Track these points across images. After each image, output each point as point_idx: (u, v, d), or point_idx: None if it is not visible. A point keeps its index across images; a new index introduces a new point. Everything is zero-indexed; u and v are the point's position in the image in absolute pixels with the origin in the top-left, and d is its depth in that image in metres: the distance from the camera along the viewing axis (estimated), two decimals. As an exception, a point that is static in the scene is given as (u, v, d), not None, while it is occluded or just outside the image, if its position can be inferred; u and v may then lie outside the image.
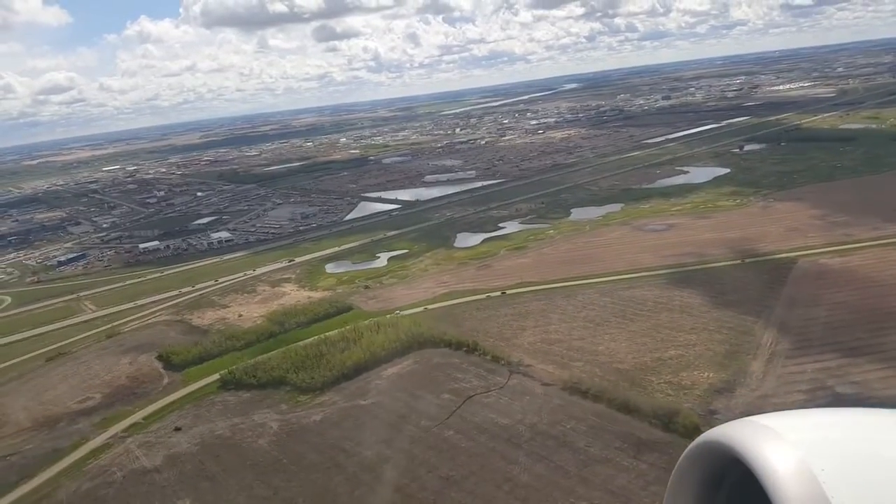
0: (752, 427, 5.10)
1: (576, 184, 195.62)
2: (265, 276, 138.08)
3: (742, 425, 5.19)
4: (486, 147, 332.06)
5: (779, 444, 4.76)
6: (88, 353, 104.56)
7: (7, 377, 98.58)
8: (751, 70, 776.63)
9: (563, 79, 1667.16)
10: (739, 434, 5.04)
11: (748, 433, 5.00)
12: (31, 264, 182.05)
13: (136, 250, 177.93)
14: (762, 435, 4.93)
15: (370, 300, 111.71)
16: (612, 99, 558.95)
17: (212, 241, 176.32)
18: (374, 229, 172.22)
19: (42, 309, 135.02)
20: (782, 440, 4.81)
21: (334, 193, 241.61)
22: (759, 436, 4.92)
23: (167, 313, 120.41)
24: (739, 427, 5.16)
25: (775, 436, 4.88)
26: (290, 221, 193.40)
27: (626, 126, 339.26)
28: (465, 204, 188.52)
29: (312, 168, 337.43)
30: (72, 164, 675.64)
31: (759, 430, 5.01)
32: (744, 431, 5.05)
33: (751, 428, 5.08)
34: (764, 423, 5.12)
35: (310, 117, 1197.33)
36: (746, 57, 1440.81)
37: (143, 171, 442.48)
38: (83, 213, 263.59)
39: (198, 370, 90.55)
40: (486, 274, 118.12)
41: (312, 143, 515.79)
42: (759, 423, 5.15)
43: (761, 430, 5.01)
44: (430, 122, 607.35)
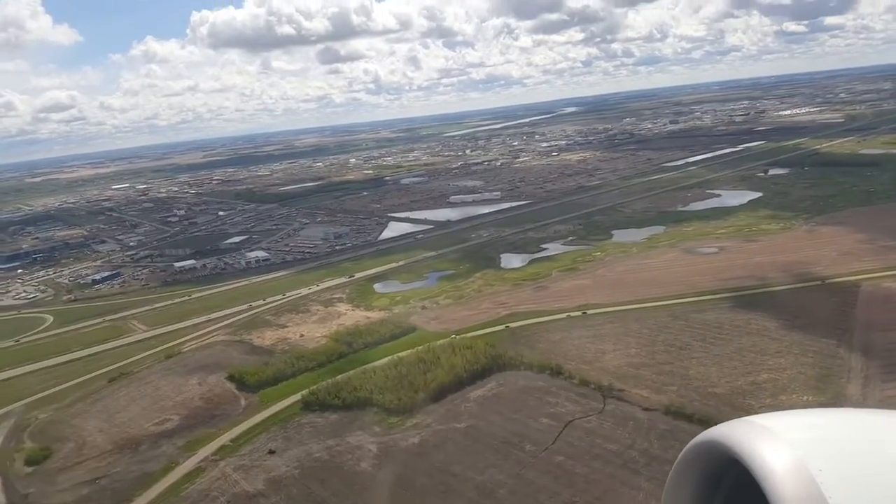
0: (749, 427, 5.11)
1: (607, 206, 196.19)
2: (314, 295, 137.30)
3: (740, 425, 5.21)
4: (502, 168, 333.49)
5: (776, 444, 4.77)
6: (151, 373, 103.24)
7: (71, 398, 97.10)
8: (751, 95, 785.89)
9: (561, 102, 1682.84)
10: (737, 434, 5.05)
11: (746, 433, 5.02)
12: (63, 282, 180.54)
13: (171, 269, 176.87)
14: (760, 435, 4.95)
15: (431, 321, 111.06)
16: (618, 123, 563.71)
17: (249, 261, 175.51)
18: (411, 249, 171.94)
19: (89, 328, 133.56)
20: (780, 440, 4.82)
21: (360, 213, 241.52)
22: (757, 435, 4.94)
23: (223, 333, 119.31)
24: (737, 427, 5.18)
25: (773, 435, 4.89)
26: (324, 241, 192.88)
27: (641, 149, 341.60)
28: (499, 225, 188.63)
29: (329, 188, 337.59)
30: (76, 181, 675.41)
31: (756, 430, 5.03)
32: (741, 431, 5.07)
33: (748, 428, 5.10)
34: (761, 423, 5.14)
35: (311, 138, 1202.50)
36: (742, 82, 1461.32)
37: (155, 189, 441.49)
38: (105, 232, 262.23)
39: (274, 391, 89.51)
40: (545, 295, 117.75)
41: (322, 164, 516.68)
42: (757, 422, 5.17)
43: (759, 429, 5.03)
44: (437, 144, 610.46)
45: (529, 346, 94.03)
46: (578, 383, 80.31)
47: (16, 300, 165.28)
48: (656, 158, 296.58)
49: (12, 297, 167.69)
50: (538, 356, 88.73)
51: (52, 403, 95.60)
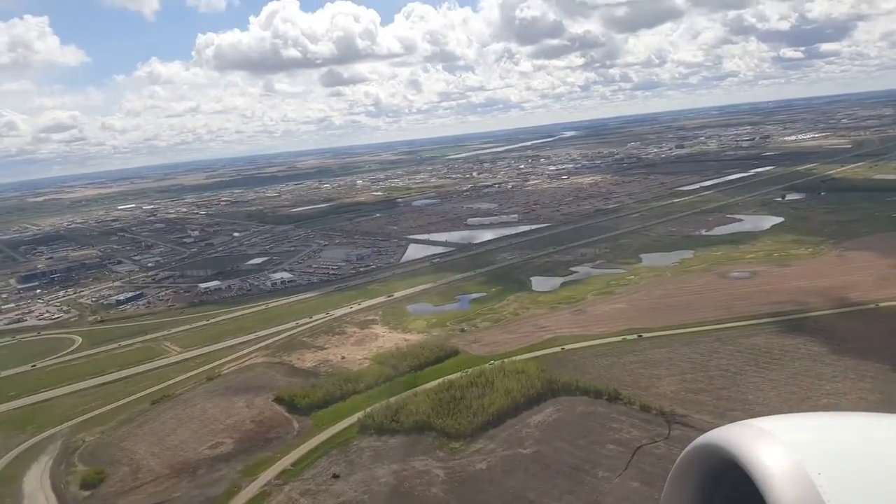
0: (748, 430, 5.12)
1: (629, 230, 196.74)
2: (348, 317, 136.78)
3: (739, 428, 5.21)
4: (514, 191, 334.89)
5: (775, 448, 4.78)
6: (194, 395, 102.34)
7: (117, 420, 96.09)
8: (751, 120, 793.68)
9: (560, 126, 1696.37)
10: (736, 437, 5.06)
11: (745, 436, 5.03)
12: (86, 303, 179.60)
13: (196, 290, 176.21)
14: (759, 438, 4.95)
15: (472, 343, 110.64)
16: (623, 147, 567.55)
17: (274, 282, 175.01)
18: (437, 272, 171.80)
19: (121, 349, 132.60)
20: (779, 443, 4.83)
21: (378, 235, 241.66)
22: (756, 439, 4.94)
23: (262, 355, 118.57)
24: (736, 430, 5.18)
25: (772, 439, 4.90)
26: (347, 263, 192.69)
27: (652, 174, 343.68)
28: (522, 248, 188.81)
29: (341, 209, 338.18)
30: (79, 201, 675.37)
31: (755, 433, 5.03)
32: (741, 434, 5.07)
33: (747, 431, 5.11)
34: (761, 427, 5.14)
35: (312, 159, 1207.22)
36: (741, 107, 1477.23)
37: (163, 210, 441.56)
38: (120, 252, 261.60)
39: (326, 414, 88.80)
40: (584, 319, 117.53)
41: (330, 185, 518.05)
42: (756, 426, 5.18)
43: (758, 433, 5.03)
44: (442, 166, 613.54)
45: (580, 370, 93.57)
46: (639, 409, 79.83)
47: (40, 320, 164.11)
48: (669, 183, 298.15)
49: (36, 318, 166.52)
50: (591, 381, 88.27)
51: (97, 425, 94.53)
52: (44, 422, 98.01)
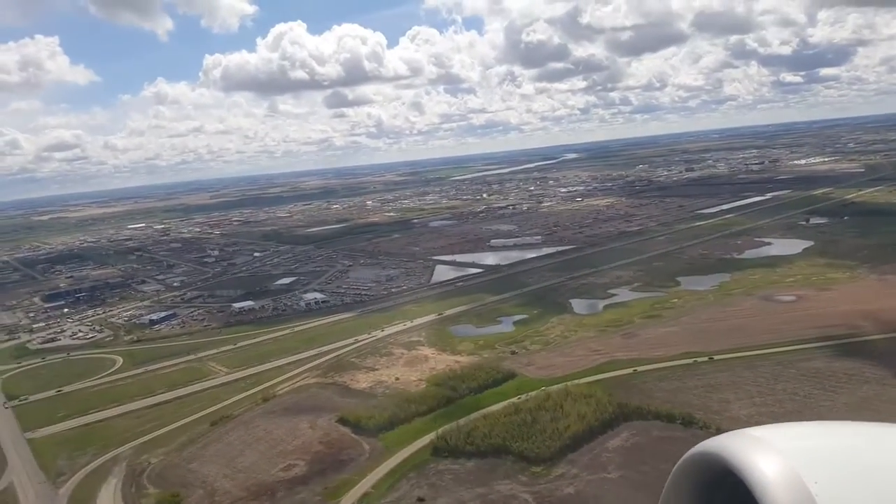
0: (745, 438, 5.14)
1: (659, 252, 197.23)
2: (390, 338, 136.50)
3: (735, 437, 5.23)
4: (530, 213, 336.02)
5: (772, 456, 4.81)
6: (253, 416, 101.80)
7: (176, 442, 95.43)
8: (755, 144, 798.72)
9: (560, 148, 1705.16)
10: (732, 445, 5.07)
11: (741, 444, 5.04)
12: (117, 322, 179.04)
13: (229, 310, 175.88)
14: (755, 446, 4.97)
15: (528, 366, 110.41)
16: (631, 169, 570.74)
17: (308, 302, 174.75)
18: (470, 293, 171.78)
19: (166, 369, 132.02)
20: (775, 452, 4.86)
21: (401, 256, 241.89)
22: (752, 447, 4.96)
23: (312, 375, 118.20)
24: (732, 438, 5.20)
25: (768, 447, 4.93)
26: (376, 283, 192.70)
27: (667, 196, 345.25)
28: (553, 270, 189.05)
29: (357, 230, 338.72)
30: (86, 220, 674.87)
31: (752, 442, 5.05)
32: (737, 443, 5.08)
33: (744, 439, 5.13)
34: (757, 435, 5.17)
35: (315, 180, 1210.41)
36: (741, 130, 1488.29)
37: (175, 229, 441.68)
38: (142, 272, 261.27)
39: (394, 436, 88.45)
40: (637, 343, 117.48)
41: (340, 206, 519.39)
42: (752, 434, 5.20)
43: (754, 441, 5.06)
44: (449, 187, 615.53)
45: (646, 395, 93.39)
46: (717, 433, 79.29)
47: (74, 340, 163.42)
48: (686, 206, 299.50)
49: (70, 337, 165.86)
50: (661, 405, 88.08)
51: (159, 447, 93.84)
52: (103, 443, 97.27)
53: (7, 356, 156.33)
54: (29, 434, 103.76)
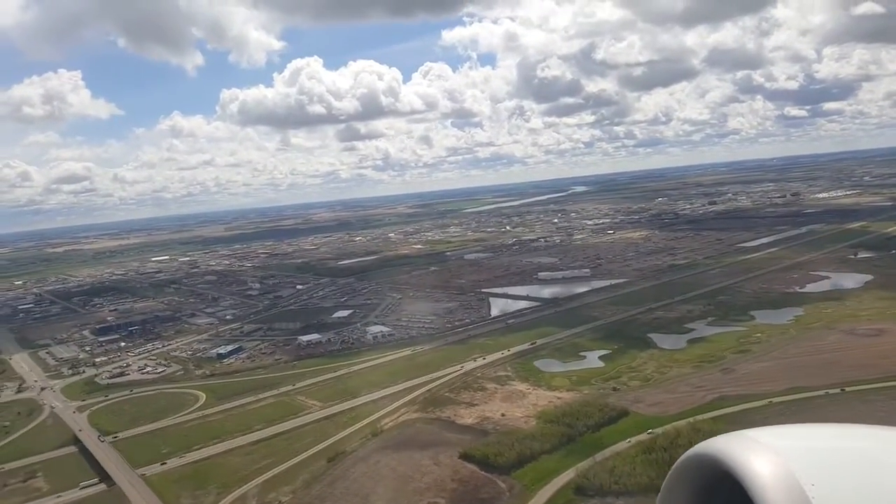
0: (742, 440, 5.16)
1: (719, 286, 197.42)
2: (477, 372, 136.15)
3: (732, 438, 5.24)
4: (565, 245, 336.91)
5: (769, 458, 4.83)
6: (368, 452, 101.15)
7: (299, 480, 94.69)
8: (768, 177, 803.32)
9: (566, 181, 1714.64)
10: (729, 447, 5.08)
11: (738, 446, 5.06)
12: (180, 356, 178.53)
13: (296, 343, 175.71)
14: (752, 448, 4.99)
15: (636, 403, 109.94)
16: (651, 202, 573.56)
17: (375, 335, 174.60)
18: (537, 327, 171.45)
19: (254, 405, 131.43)
20: (773, 453, 4.88)
21: (449, 289, 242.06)
22: (750, 449, 4.98)
23: (411, 410, 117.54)
24: (730, 440, 5.21)
25: (765, 449, 4.95)
26: (436, 317, 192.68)
27: (700, 229, 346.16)
28: (616, 303, 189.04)
29: (391, 262, 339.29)
30: (103, 252, 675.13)
31: (749, 444, 5.06)
32: (734, 444, 5.10)
33: (741, 441, 5.14)
34: (754, 437, 5.19)
35: (324, 212, 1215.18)
36: (746, 164, 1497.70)
37: (203, 262, 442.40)
38: (187, 304, 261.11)
39: (526, 473, 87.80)
40: (737, 378, 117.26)
41: (363, 238, 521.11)
42: (750, 436, 5.23)
43: (752, 443, 5.07)
44: (468, 220, 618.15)
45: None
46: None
47: (143, 375, 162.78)
48: (725, 239, 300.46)
49: (138, 372, 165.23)
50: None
51: (284, 485, 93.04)
52: (222, 481, 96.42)
53: (79, 391, 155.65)
54: (141, 471, 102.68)
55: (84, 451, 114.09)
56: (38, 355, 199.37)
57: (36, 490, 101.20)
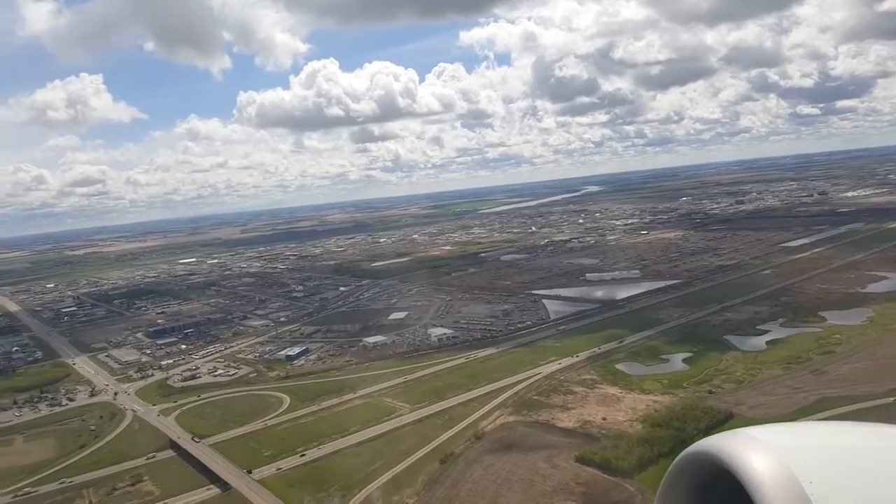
0: (740, 438, 5.19)
1: (778, 287, 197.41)
2: (559, 375, 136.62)
3: (731, 436, 5.29)
4: (601, 246, 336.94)
5: (767, 455, 4.86)
6: (476, 454, 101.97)
7: (418, 482, 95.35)
8: (785, 176, 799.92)
9: (574, 181, 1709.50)
10: (728, 445, 5.12)
11: (737, 444, 5.09)
12: (246, 358, 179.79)
13: (359, 344, 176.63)
14: (751, 446, 5.02)
15: (738, 406, 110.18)
16: (675, 202, 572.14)
17: (440, 337, 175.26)
18: (603, 329, 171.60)
19: (341, 407, 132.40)
20: (771, 451, 4.91)
21: (496, 290, 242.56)
22: (748, 447, 5.01)
23: (505, 413, 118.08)
24: (728, 438, 5.25)
25: (764, 447, 4.98)
26: (495, 319, 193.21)
27: (736, 229, 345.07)
28: (677, 305, 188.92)
29: (426, 264, 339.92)
30: (124, 255, 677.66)
31: (747, 441, 5.10)
32: (732, 442, 5.14)
33: (739, 439, 5.18)
34: (752, 434, 5.24)
35: (337, 213, 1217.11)
36: (758, 162, 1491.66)
37: (232, 264, 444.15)
38: (236, 307, 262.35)
39: (650, 476, 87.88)
40: (832, 380, 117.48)
41: (387, 240, 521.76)
42: (748, 434, 5.26)
43: (750, 441, 5.11)
44: (489, 221, 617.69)
45: None
46: None
47: (216, 377, 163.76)
48: (766, 239, 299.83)
49: (211, 375, 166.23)
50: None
51: (405, 487, 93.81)
52: (340, 483, 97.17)
53: (153, 394, 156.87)
54: (254, 474, 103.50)
55: (184, 454, 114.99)
56: (99, 358, 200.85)
57: (148, 494, 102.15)
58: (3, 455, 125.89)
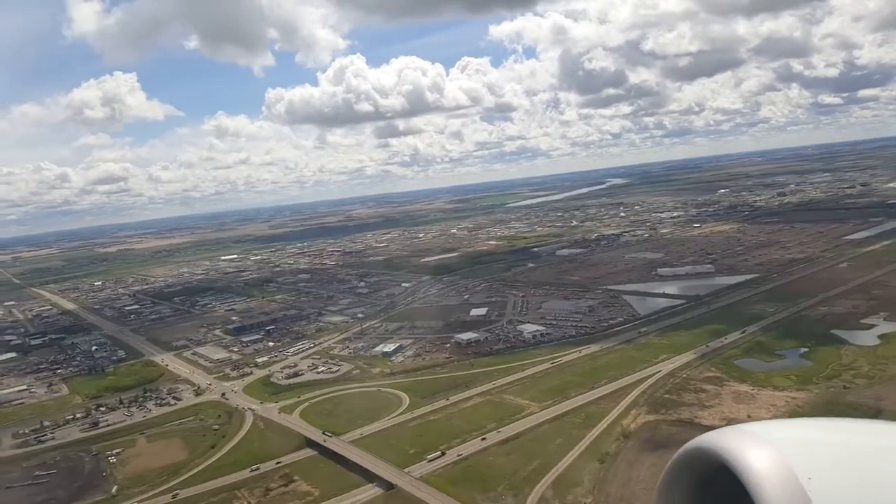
0: (739, 434, 5.15)
1: (864, 280, 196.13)
2: (681, 372, 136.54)
3: (729, 432, 5.24)
4: (655, 240, 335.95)
5: (766, 451, 4.82)
6: (634, 454, 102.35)
7: (586, 481, 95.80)
8: (814, 167, 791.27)
9: (595, 173, 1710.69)
10: (726, 441, 5.08)
11: (735, 440, 5.05)
12: (340, 354, 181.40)
13: (454, 341, 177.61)
14: (749, 442, 4.98)
15: (880, 401, 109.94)
16: (713, 194, 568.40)
17: (534, 333, 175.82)
18: (700, 325, 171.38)
19: (463, 404, 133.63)
20: (769, 447, 4.86)
21: (570, 286, 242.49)
22: (747, 442, 4.96)
23: (641, 412, 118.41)
24: (727, 434, 5.21)
25: (762, 443, 4.93)
26: (581, 315, 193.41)
27: (791, 222, 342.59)
28: (766, 300, 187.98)
29: (479, 259, 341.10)
30: (159, 252, 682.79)
31: (746, 437, 5.06)
32: (731, 438, 5.10)
33: (738, 435, 5.14)
34: (751, 430, 5.19)
35: (361, 208, 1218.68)
36: (780, 153, 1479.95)
37: (277, 260, 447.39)
38: (305, 303, 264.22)
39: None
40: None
41: (425, 235, 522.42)
42: (747, 429, 5.22)
43: (748, 436, 5.07)
44: (525, 215, 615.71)
45: None
46: None
47: (319, 374, 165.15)
48: (826, 232, 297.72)
49: (313, 372, 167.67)
50: None
51: (574, 486, 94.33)
52: (506, 483, 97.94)
53: (262, 392, 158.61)
54: (410, 471, 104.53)
55: (327, 452, 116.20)
56: (185, 356, 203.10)
57: (307, 494, 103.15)
58: (135, 456, 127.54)
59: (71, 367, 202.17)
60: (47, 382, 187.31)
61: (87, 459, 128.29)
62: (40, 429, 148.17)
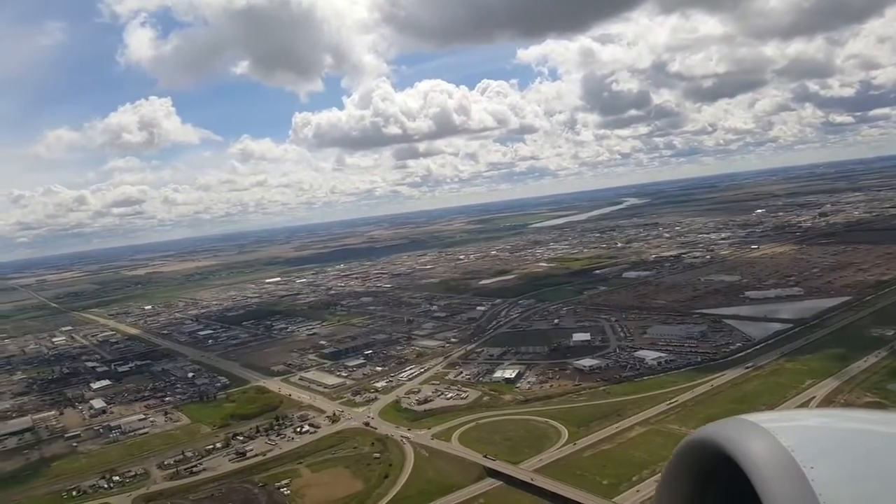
0: (742, 424, 5.24)
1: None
2: (836, 397, 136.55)
3: (732, 423, 5.33)
4: (717, 261, 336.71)
5: (769, 442, 4.89)
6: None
7: None
8: (837, 186, 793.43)
9: (600, 193, 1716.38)
10: (730, 431, 5.16)
11: (738, 430, 5.14)
12: (459, 380, 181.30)
13: (572, 367, 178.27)
14: (752, 432, 5.06)
15: None
16: (747, 214, 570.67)
17: (658, 360, 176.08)
18: (820, 349, 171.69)
19: (630, 433, 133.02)
20: (772, 437, 4.93)
21: (657, 310, 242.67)
22: (749, 433, 5.05)
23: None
24: (730, 424, 5.30)
25: (765, 433, 5.00)
26: (692, 340, 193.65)
27: (851, 243, 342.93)
28: (882, 324, 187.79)
29: (542, 282, 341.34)
30: (192, 275, 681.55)
31: (749, 428, 5.14)
32: (734, 429, 5.19)
33: (741, 425, 5.22)
34: (754, 421, 5.27)
35: (376, 229, 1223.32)
36: (793, 170, 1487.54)
37: (324, 283, 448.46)
38: (387, 328, 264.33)
39: None
40: None
41: (466, 256, 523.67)
42: (749, 420, 5.31)
43: (751, 427, 5.14)
44: (562, 235, 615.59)
45: None
46: None
47: (449, 401, 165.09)
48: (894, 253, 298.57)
49: (442, 398, 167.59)
50: None
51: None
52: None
53: (399, 418, 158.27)
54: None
55: (515, 482, 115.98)
56: (293, 381, 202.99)
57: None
58: (305, 486, 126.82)
59: (177, 395, 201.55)
60: (161, 411, 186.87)
61: (257, 491, 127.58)
62: (184, 459, 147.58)
